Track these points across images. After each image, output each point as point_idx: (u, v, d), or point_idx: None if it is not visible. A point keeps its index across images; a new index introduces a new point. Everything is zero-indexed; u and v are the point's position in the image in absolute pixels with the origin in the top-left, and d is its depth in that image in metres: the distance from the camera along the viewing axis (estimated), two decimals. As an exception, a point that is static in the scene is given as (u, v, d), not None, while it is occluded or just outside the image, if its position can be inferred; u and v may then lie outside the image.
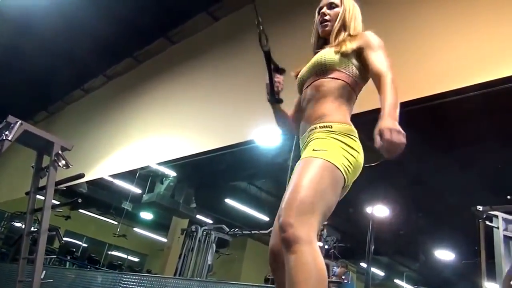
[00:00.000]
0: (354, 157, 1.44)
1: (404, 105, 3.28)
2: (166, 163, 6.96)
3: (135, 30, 6.32)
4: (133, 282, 3.81)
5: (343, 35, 1.67)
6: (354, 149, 1.45)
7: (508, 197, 4.56)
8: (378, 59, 1.53)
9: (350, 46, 1.59)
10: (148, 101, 6.58)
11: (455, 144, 5.51)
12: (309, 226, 1.25)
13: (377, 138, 1.30)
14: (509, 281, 3.44)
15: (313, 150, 1.40)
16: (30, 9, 5.94)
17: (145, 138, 6.24)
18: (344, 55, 1.58)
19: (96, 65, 7.35)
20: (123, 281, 3.89)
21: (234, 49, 5.40)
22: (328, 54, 1.61)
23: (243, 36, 5.28)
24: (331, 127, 1.47)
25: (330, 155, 1.37)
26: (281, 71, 1.72)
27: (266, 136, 4.84)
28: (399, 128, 1.30)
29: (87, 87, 8.14)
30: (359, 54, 1.59)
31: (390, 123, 1.30)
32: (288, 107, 1.87)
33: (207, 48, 5.85)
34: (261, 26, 1.61)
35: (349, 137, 1.47)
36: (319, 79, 1.60)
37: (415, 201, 7.98)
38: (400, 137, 1.28)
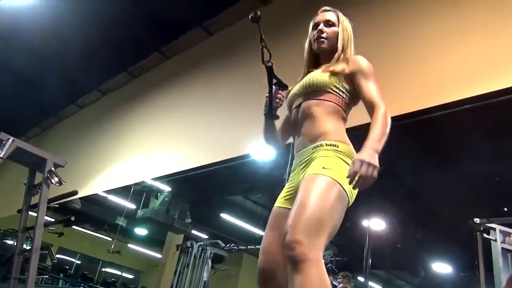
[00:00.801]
0: (356, 189, 1.44)
1: (398, 119, 3.32)
2: (161, 178, 6.92)
3: (129, 45, 6.34)
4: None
5: (337, 56, 1.67)
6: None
7: (505, 209, 4.55)
8: (371, 88, 1.54)
9: (341, 68, 1.60)
10: (142, 116, 6.55)
11: (451, 157, 5.52)
12: (317, 245, 1.23)
13: (351, 168, 1.30)
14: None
15: (323, 168, 1.38)
16: (23, 24, 5.94)
17: (140, 153, 6.20)
18: (335, 77, 1.59)
19: (90, 80, 7.35)
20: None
21: (228, 64, 5.41)
22: (319, 75, 1.62)
23: (237, 50, 5.30)
24: (338, 147, 1.47)
25: (338, 175, 1.37)
26: (283, 87, 1.70)
27: (262, 150, 4.82)
28: (374, 162, 1.29)
29: (81, 102, 8.11)
30: (351, 78, 1.59)
31: (365, 155, 1.30)
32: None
33: (201, 62, 5.86)
34: (263, 42, 1.58)
35: (351, 158, 1.46)
36: (310, 99, 1.60)
37: (411, 214, 7.95)
38: (369, 171, 1.27)
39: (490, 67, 2.94)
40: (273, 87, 1.66)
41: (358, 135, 1.60)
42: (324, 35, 1.70)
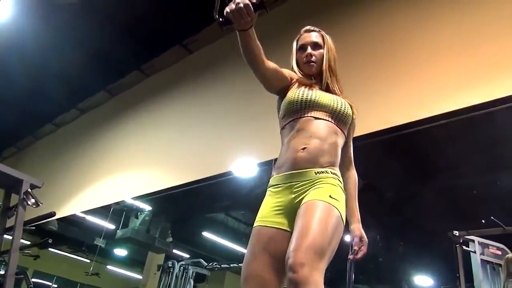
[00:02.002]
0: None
1: (379, 134, 3.37)
2: (141, 198, 6.82)
3: (108, 63, 6.29)
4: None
5: (338, 85, 1.70)
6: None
7: (483, 221, 4.64)
8: (351, 148, 1.73)
9: (355, 114, 1.69)
10: (122, 134, 6.48)
11: (431, 171, 5.62)
12: (319, 269, 1.24)
13: (357, 241, 1.58)
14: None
15: (330, 196, 1.39)
16: (-2, 42, 5.84)
17: (119, 172, 6.11)
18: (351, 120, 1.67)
19: (68, 98, 7.23)
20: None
21: (208, 81, 5.43)
22: (348, 108, 1.63)
23: (217, 68, 5.33)
24: (340, 178, 1.54)
25: (341, 207, 1.42)
26: (261, 6, 1.30)
27: (244, 167, 4.82)
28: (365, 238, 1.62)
29: (58, 121, 7.96)
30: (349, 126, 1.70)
31: (364, 235, 1.61)
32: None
33: (181, 80, 5.86)
34: None
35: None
36: (336, 125, 1.58)
37: (393, 228, 8.03)
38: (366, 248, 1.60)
39: (468, 82, 3.03)
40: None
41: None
42: (313, 58, 1.69)
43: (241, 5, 1.25)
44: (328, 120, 1.56)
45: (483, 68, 2.95)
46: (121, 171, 6.07)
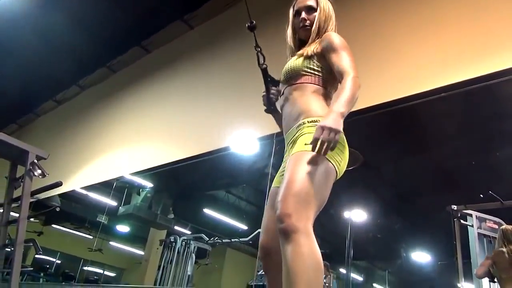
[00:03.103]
0: (342, 151, 1.48)
1: (375, 109, 3.39)
2: (140, 173, 6.86)
3: (108, 40, 6.25)
4: (112, 294, 3.70)
5: (311, 39, 1.72)
6: (341, 143, 1.47)
7: (481, 195, 4.70)
8: (340, 60, 1.55)
9: (311, 49, 1.65)
10: (122, 110, 6.50)
11: (427, 146, 5.65)
12: (306, 217, 1.28)
13: (314, 132, 1.33)
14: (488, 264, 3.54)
15: (305, 144, 1.40)
16: (-2, 20, 5.79)
17: (119, 149, 6.15)
18: (308, 59, 1.64)
19: (69, 75, 7.21)
20: (102, 293, 3.78)
21: (208, 57, 5.42)
22: (294, 61, 1.70)
23: (217, 44, 5.31)
24: (319, 122, 1.46)
25: None
26: (276, 83, 1.81)
27: (242, 142, 4.85)
28: (336, 126, 1.31)
29: (59, 98, 7.96)
30: (323, 55, 1.62)
31: (328, 121, 1.32)
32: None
33: (182, 56, 5.84)
34: (259, 48, 1.69)
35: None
36: (290, 85, 1.67)
37: (391, 205, 8.11)
38: (331, 136, 1.29)
39: (464, 56, 3.04)
40: (269, 85, 1.80)
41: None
42: (307, 22, 1.74)
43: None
44: (286, 86, 1.70)
45: (481, 41, 2.96)
46: (121, 147, 6.12)
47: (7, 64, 6.64)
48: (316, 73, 1.63)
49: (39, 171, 2.51)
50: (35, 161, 2.50)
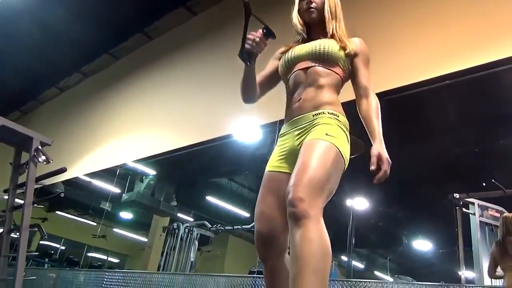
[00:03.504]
0: (348, 142, 1.51)
1: (378, 96, 3.37)
2: (143, 160, 6.91)
3: (111, 26, 6.22)
4: (117, 279, 3.75)
5: (334, 26, 1.69)
6: (349, 143, 1.53)
7: (484, 184, 4.71)
8: (367, 74, 1.64)
9: (352, 48, 1.65)
10: (125, 98, 6.49)
11: (430, 133, 5.63)
12: (317, 204, 1.28)
13: (374, 160, 1.43)
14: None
15: (326, 134, 1.43)
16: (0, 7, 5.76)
17: (122, 136, 6.17)
18: (347, 55, 1.63)
19: (71, 62, 7.20)
20: (106, 278, 3.83)
21: (212, 44, 5.38)
22: (332, 45, 1.63)
23: (221, 30, 5.27)
24: (338, 117, 1.52)
25: (339, 143, 1.43)
26: (271, 35, 1.57)
27: (245, 130, 4.86)
28: (389, 159, 1.46)
29: (62, 85, 7.96)
30: (352, 58, 1.65)
31: (385, 152, 1.45)
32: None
33: (185, 43, 5.81)
34: None
35: (348, 130, 1.55)
36: (318, 66, 1.60)
37: (393, 193, 8.12)
38: (389, 168, 1.44)
39: (468, 43, 3.01)
40: (247, 27, 1.55)
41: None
42: (313, 5, 1.70)
43: (257, 39, 1.53)
44: (314, 66, 1.60)
45: (485, 29, 2.93)
46: (123, 135, 6.13)
47: (9, 52, 6.63)
48: (345, 70, 1.64)
49: (44, 157, 2.52)
50: (39, 147, 2.52)
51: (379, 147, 1.45)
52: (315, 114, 1.52)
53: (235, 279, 3.06)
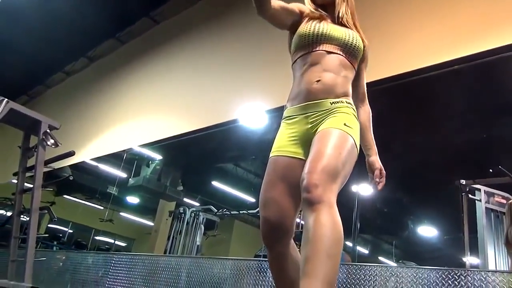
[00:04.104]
0: (358, 131, 1.54)
1: (384, 82, 3.36)
2: (149, 145, 6.92)
3: (117, 11, 6.20)
4: (124, 261, 3.81)
5: (344, 9, 1.66)
6: (356, 123, 1.56)
7: (491, 170, 4.68)
8: (365, 81, 1.74)
9: (366, 47, 1.69)
10: (131, 82, 6.50)
11: (437, 119, 5.59)
12: (332, 190, 1.29)
13: (377, 174, 1.67)
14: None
15: (345, 124, 1.44)
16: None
17: (128, 120, 6.19)
18: (363, 54, 1.68)
19: (77, 47, 7.21)
20: (114, 260, 3.89)
21: (218, 28, 5.36)
22: (360, 42, 1.63)
23: (227, 15, 5.24)
24: (354, 109, 1.57)
25: (355, 135, 1.46)
26: None
27: (251, 115, 4.85)
28: None
29: (68, 70, 7.98)
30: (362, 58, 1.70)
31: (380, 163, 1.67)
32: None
33: (191, 27, 5.79)
34: None
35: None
36: (347, 59, 1.59)
37: (399, 179, 8.12)
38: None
39: (476, 28, 2.97)
40: None
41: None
42: None
43: None
44: (339, 54, 1.57)
45: (493, 13, 2.89)
46: (129, 119, 6.15)
47: (16, 37, 6.63)
48: (355, 68, 1.66)
49: (52, 141, 2.55)
50: (48, 130, 2.55)
51: (378, 161, 1.68)
52: (333, 102, 1.51)
53: (242, 262, 3.10)
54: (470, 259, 4.81)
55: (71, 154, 2.70)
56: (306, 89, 1.54)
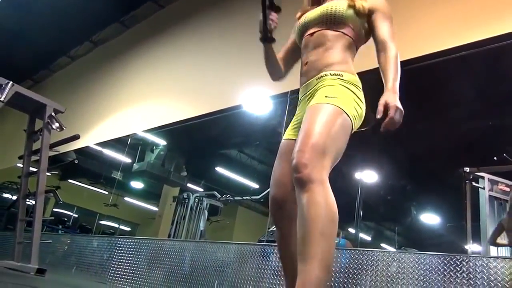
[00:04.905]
0: (360, 108, 1.49)
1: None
2: (153, 131, 6.94)
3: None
4: (129, 245, 3.85)
5: None
6: (360, 100, 1.50)
7: (495, 158, 4.67)
8: (386, 28, 1.57)
9: (365, 5, 1.59)
10: (135, 67, 6.49)
11: (442, 106, 5.55)
12: (322, 167, 1.29)
13: (380, 109, 1.38)
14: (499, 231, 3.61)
15: (326, 96, 1.42)
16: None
17: (132, 106, 6.20)
18: (357, 12, 1.58)
19: (82, 31, 7.18)
20: (119, 244, 3.93)
21: (222, 12, 5.32)
22: (341, 6, 1.59)
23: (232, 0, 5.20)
24: (342, 76, 1.49)
25: (341, 102, 1.41)
26: (276, 9, 1.63)
27: (255, 100, 4.84)
28: (401, 106, 1.39)
29: (72, 54, 7.97)
30: (368, 14, 1.60)
31: (396, 100, 1.39)
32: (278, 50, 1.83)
33: (195, 12, 5.74)
34: None
35: (357, 87, 1.51)
36: (327, 29, 1.59)
37: (403, 166, 8.12)
38: (400, 116, 1.39)
39: (482, 15, 2.94)
40: (267, 9, 1.60)
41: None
42: None
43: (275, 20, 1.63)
44: (322, 29, 1.59)
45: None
46: (133, 105, 6.16)
47: (20, 21, 6.62)
48: (358, 30, 1.60)
49: (57, 124, 2.57)
50: (53, 114, 2.56)
51: (387, 96, 1.40)
52: (318, 78, 1.52)
53: (245, 247, 3.13)
54: (472, 247, 4.83)
55: (76, 137, 2.71)
56: (301, 73, 1.62)
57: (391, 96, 1.40)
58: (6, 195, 9.56)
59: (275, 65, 1.77)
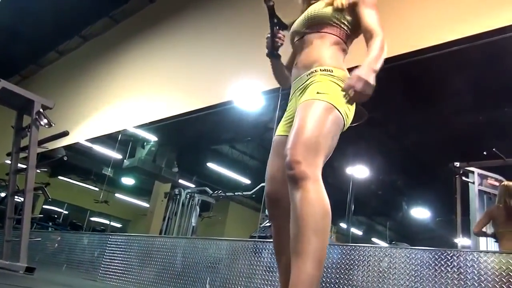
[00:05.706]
0: (350, 104, 1.48)
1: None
2: (144, 126, 6.90)
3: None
4: (120, 242, 3.82)
5: None
6: None
7: (485, 153, 4.71)
8: (371, 17, 1.56)
9: (344, 1, 1.59)
10: (125, 62, 6.42)
11: (432, 101, 5.58)
12: (315, 164, 1.30)
13: (347, 81, 1.40)
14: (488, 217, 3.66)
15: (317, 92, 1.42)
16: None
17: (122, 101, 6.14)
18: (338, 9, 1.59)
19: (71, 25, 7.09)
20: (110, 241, 3.90)
21: (214, 8, 5.28)
22: (317, 7, 1.62)
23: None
24: (332, 71, 1.50)
25: (333, 99, 1.41)
26: (283, 27, 1.72)
27: (246, 96, 4.82)
28: (370, 79, 1.37)
29: (61, 49, 7.86)
30: (353, 8, 1.60)
31: (363, 72, 1.38)
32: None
33: (187, 6, 5.70)
34: None
35: None
36: (311, 32, 1.61)
37: (393, 161, 8.16)
38: (365, 88, 1.36)
39: (472, 10, 2.95)
40: (274, 27, 1.68)
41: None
42: None
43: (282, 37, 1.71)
44: (307, 32, 1.63)
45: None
46: (124, 100, 6.11)
47: (7, 16, 6.51)
48: (343, 26, 1.61)
49: (45, 121, 2.53)
50: (41, 110, 2.52)
51: (360, 69, 1.39)
52: (308, 74, 1.53)
53: (236, 243, 3.12)
54: (462, 241, 4.88)
55: (65, 134, 2.67)
56: (292, 73, 1.67)
57: (361, 69, 1.39)
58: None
59: (283, 74, 1.82)
